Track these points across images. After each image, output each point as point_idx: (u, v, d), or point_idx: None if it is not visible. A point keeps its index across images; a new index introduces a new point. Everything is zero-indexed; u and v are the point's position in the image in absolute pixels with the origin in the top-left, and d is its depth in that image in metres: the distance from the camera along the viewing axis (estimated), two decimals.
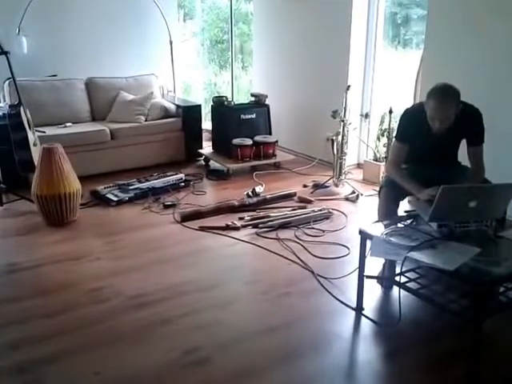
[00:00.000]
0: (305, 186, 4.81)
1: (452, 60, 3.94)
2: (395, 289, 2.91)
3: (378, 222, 2.80)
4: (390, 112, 4.56)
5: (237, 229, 3.85)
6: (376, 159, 4.97)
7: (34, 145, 4.34)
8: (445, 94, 2.70)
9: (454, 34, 3.95)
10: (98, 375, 2.30)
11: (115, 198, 4.38)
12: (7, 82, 4.94)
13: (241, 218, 4.01)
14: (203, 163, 5.61)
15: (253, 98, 5.60)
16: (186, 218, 4.03)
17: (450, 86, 2.72)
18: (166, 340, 2.55)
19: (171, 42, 6.03)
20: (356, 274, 2.78)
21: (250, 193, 4.45)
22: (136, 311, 2.79)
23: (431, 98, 2.71)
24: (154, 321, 2.70)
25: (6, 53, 4.19)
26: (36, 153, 4.15)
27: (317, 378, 2.30)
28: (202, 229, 3.86)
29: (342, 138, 4.65)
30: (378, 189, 3.34)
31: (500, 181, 2.68)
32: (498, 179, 2.80)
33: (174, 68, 6.14)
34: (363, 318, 2.74)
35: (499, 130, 3.47)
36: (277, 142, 5.38)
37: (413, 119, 2.93)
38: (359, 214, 4.18)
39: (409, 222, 2.67)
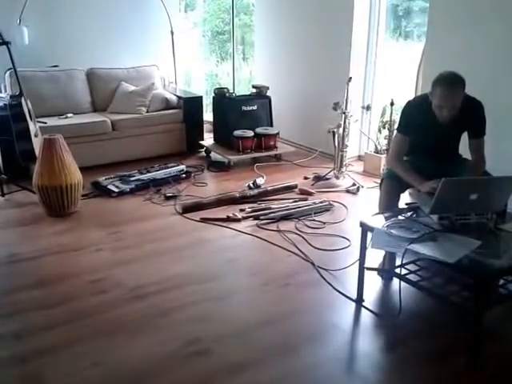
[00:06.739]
0: (306, 178, 4.80)
1: (454, 52, 3.91)
2: (395, 281, 2.91)
3: (378, 214, 2.81)
4: (392, 104, 4.56)
5: (238, 220, 3.85)
6: (377, 151, 4.96)
7: (35, 135, 4.33)
8: (452, 81, 2.69)
9: (455, 27, 3.93)
10: (98, 366, 2.31)
11: (116, 190, 4.38)
12: (8, 72, 4.92)
13: (242, 210, 4.01)
14: (204, 155, 5.60)
15: (254, 90, 5.58)
16: (187, 209, 4.03)
17: (455, 73, 2.71)
18: (165, 331, 2.56)
19: (172, 33, 6.01)
20: (356, 265, 2.79)
21: (251, 184, 4.45)
22: (136, 302, 2.80)
23: (438, 86, 2.70)
24: (154, 312, 2.71)
25: (7, 43, 4.17)
26: (37, 144, 4.15)
27: (316, 370, 2.31)
28: (203, 220, 3.87)
29: (344, 130, 4.63)
30: (378, 181, 3.34)
31: (501, 174, 2.68)
32: (499, 172, 2.80)
33: (175, 59, 6.13)
34: (363, 310, 2.74)
35: (501, 122, 3.46)
36: (278, 133, 5.36)
37: (415, 111, 2.92)
38: (360, 206, 4.18)
39: (410, 214, 2.67)
